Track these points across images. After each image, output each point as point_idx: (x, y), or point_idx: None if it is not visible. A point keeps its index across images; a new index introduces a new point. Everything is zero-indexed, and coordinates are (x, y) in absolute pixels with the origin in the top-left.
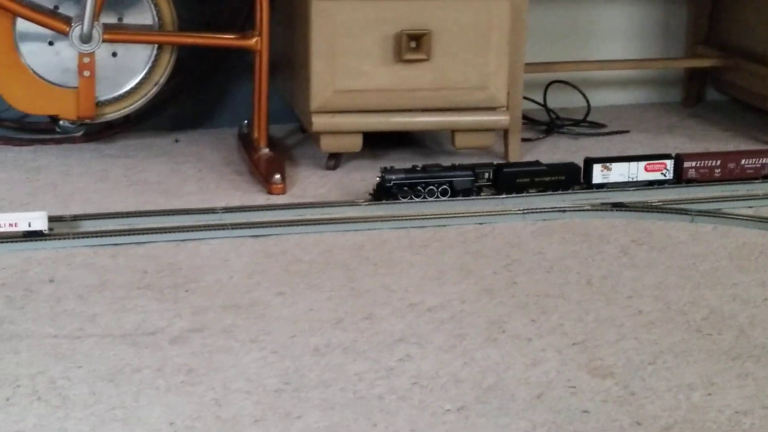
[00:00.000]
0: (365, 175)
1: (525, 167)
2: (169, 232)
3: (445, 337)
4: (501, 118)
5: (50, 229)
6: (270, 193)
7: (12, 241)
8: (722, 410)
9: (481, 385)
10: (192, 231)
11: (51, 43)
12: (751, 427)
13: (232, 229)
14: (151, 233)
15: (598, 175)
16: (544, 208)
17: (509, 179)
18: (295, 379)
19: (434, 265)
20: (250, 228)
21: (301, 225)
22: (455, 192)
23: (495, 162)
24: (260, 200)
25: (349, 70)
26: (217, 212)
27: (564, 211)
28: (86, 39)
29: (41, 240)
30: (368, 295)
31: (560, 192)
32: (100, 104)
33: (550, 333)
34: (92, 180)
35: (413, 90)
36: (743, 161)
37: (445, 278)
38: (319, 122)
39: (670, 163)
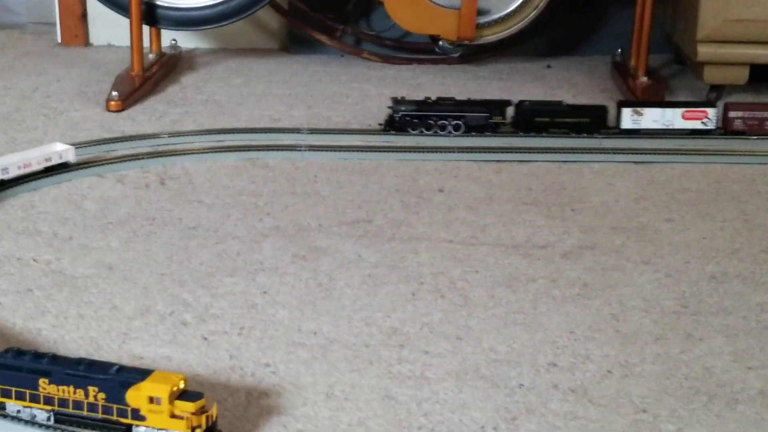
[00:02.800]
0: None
1: (545, 106)
2: (552, 152)
3: None
4: None
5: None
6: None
7: (402, 151)
8: None
9: None
10: (574, 153)
11: None
12: None
13: (614, 153)
14: (534, 152)
15: (628, 119)
16: None
17: (526, 118)
18: (693, 303)
19: None
20: (632, 154)
21: (685, 154)
22: (469, 128)
23: (514, 99)
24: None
25: None
26: (597, 137)
27: None
28: None
29: (431, 152)
30: (763, 229)
31: (584, 135)
32: (479, 27)
33: None
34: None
35: None
36: None
37: None
38: (704, 52)
39: (712, 112)
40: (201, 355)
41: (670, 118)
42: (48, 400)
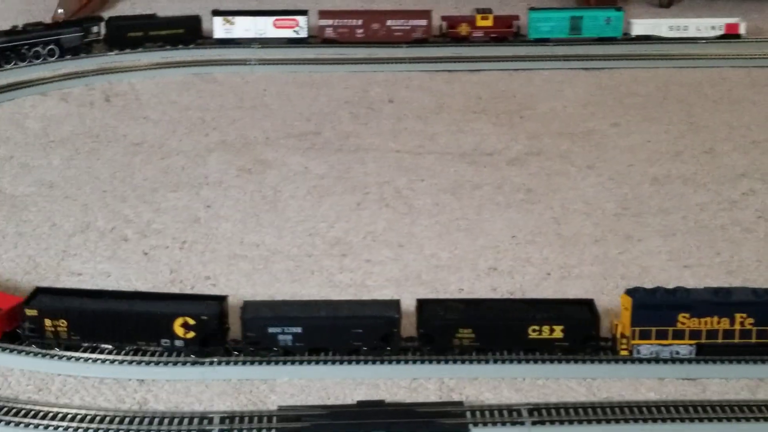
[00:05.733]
0: (700, 13)
1: (137, 20)
2: (502, 60)
3: None
4: None
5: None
6: None
7: (353, 63)
8: None
9: None
10: (524, 60)
11: None
12: None
13: (565, 60)
14: (485, 61)
15: (220, 29)
16: None
17: (119, 33)
18: (634, 205)
19: None
20: (582, 60)
21: (634, 59)
22: (63, 50)
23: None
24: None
25: None
26: (549, 45)
27: None
28: None
29: (380, 63)
30: (707, 131)
31: (181, 48)
32: None
33: None
34: None
35: None
36: (389, 22)
37: None
38: None
39: (303, 20)
40: (141, 270)
41: (262, 27)
42: (692, 335)
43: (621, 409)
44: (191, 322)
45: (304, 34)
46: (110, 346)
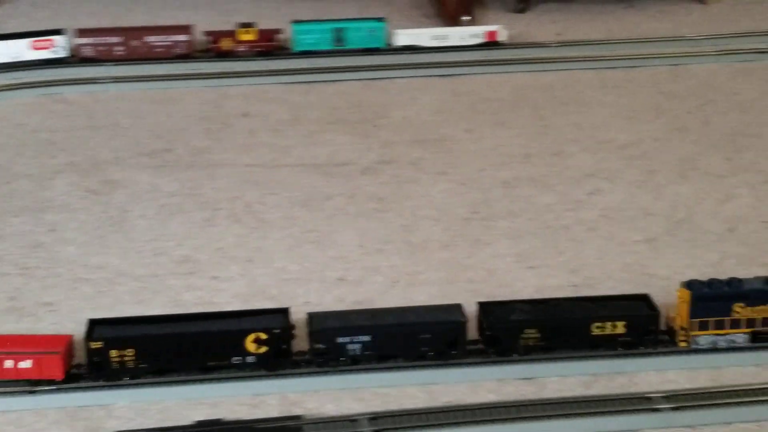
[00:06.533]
0: (554, 18)
1: None
2: (359, 70)
3: (635, 173)
4: None
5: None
6: None
7: (208, 77)
8: None
9: (671, 219)
10: (380, 70)
11: None
12: None
13: (419, 68)
14: (342, 71)
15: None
16: (743, 49)
17: None
18: (484, 209)
19: (625, 105)
20: (436, 68)
21: (489, 65)
22: None
23: None
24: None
25: None
26: (404, 53)
27: (763, 52)
28: None
29: (235, 77)
30: (557, 133)
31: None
32: None
33: (744, 170)
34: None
35: None
36: (149, 38)
37: (636, 117)
38: None
39: (61, 40)
40: None
41: (18, 50)
42: (748, 323)
43: (460, 412)
44: (263, 336)
45: (63, 53)
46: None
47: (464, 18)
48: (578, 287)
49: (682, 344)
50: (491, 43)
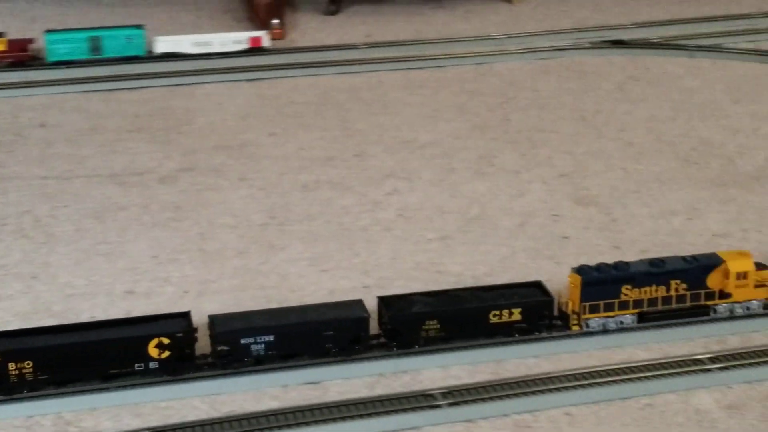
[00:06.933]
0: (365, 20)
1: None
2: (163, 76)
3: (434, 172)
4: None
5: None
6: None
7: (2, 87)
8: (701, 233)
9: (465, 216)
10: (186, 75)
11: None
12: (728, 248)
13: (227, 73)
14: (144, 78)
15: None
16: (543, 47)
17: None
18: (282, 213)
19: (429, 105)
20: (244, 72)
21: (296, 68)
22: None
23: None
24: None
25: None
26: (213, 58)
27: (563, 49)
28: None
29: (30, 87)
30: (361, 134)
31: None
32: None
33: (538, 166)
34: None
35: None
36: None
37: (439, 116)
38: None
39: None
40: None
41: None
42: (635, 304)
43: (242, 421)
44: (166, 341)
45: None
46: None
47: (273, 21)
48: (370, 288)
49: (575, 328)
50: (256, 49)
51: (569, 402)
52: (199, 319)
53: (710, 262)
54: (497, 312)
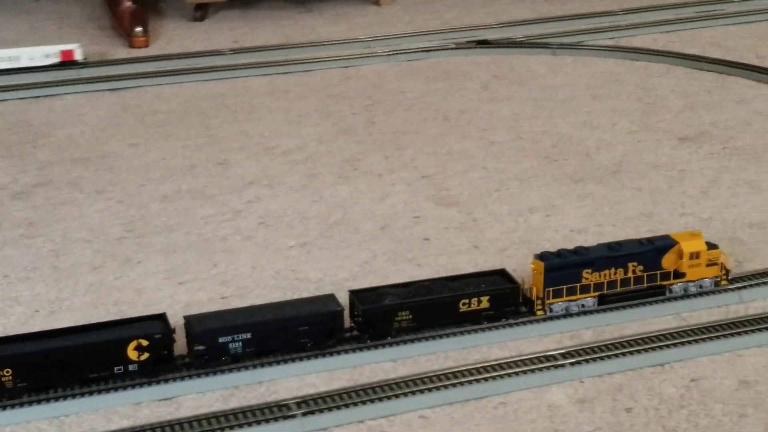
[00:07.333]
0: (232, 25)
1: None
2: (22, 89)
3: (297, 178)
4: None
5: None
6: (132, 46)
7: None
8: (558, 230)
9: (327, 221)
10: (45, 87)
11: None
12: (584, 242)
13: (88, 83)
14: (1, 91)
15: None
16: (410, 49)
17: None
18: (140, 226)
19: (294, 110)
20: (106, 81)
21: (161, 76)
22: None
23: None
24: (121, 54)
25: None
26: (74, 68)
27: (430, 50)
28: None
29: None
30: (224, 142)
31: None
32: None
33: (402, 168)
34: None
35: None
36: None
37: (304, 121)
38: None
39: None
40: None
41: None
42: (596, 287)
43: None
44: (144, 343)
45: None
46: None
47: (137, 29)
48: (228, 299)
49: (539, 313)
50: (69, 63)
51: (425, 404)
52: None
53: (664, 244)
54: (466, 301)
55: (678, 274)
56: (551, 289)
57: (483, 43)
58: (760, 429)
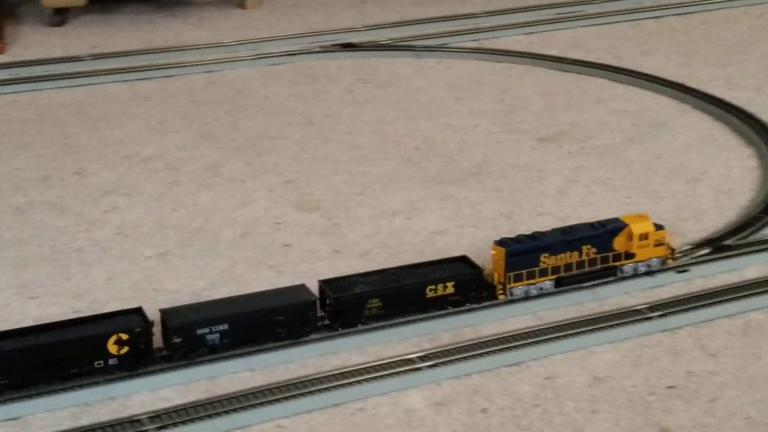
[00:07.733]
0: (92, 30)
1: None
2: None
3: (156, 186)
4: None
5: None
6: None
7: None
8: (419, 232)
9: (186, 230)
10: None
11: None
12: (444, 245)
13: None
14: None
15: None
16: (275, 53)
17: None
18: None
19: (156, 116)
20: None
21: (16, 83)
22: None
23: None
24: None
25: None
26: None
27: (294, 54)
28: None
29: None
30: (81, 151)
31: None
32: None
33: (264, 173)
34: None
35: None
36: None
37: (165, 128)
38: None
39: None
40: None
41: None
42: (553, 271)
43: None
44: (124, 337)
45: None
46: None
47: None
48: (81, 312)
49: (501, 297)
50: None
51: (282, 414)
52: None
53: (615, 227)
54: (433, 287)
55: (628, 255)
56: (512, 273)
57: (348, 47)
58: (610, 424)
